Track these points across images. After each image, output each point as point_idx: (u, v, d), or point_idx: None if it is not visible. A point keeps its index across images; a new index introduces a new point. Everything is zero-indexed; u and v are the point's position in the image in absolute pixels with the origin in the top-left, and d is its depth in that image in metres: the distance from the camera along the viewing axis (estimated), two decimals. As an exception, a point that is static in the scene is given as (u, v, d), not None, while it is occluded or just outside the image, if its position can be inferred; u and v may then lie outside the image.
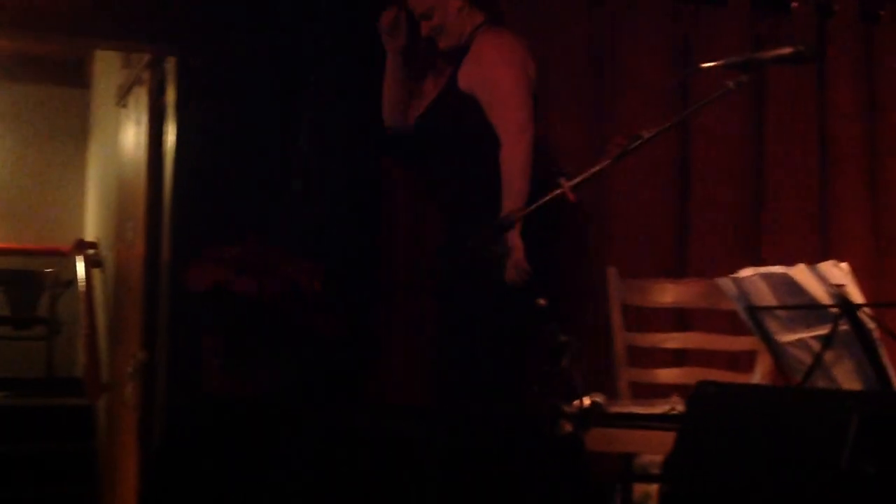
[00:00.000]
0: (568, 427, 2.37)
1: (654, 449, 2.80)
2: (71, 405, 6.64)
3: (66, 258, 7.07)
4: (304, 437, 3.27)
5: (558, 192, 2.36)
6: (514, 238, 2.97)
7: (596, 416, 2.35)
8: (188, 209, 3.82)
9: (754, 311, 2.42)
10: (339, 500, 3.03)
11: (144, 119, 4.36)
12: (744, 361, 3.41)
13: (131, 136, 4.76)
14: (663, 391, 3.17)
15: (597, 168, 2.38)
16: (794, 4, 3.99)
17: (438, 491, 2.82)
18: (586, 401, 2.31)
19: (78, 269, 6.48)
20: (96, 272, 6.47)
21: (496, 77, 3.17)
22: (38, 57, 7.63)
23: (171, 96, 3.93)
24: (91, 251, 6.63)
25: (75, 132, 7.97)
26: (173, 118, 3.90)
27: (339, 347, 3.47)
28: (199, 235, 3.69)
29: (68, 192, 7.94)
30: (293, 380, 3.43)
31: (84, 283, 6.34)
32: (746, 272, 2.40)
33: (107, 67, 6.41)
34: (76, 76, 7.85)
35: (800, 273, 2.30)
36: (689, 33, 3.93)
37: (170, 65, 3.95)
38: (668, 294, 3.46)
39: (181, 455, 3.47)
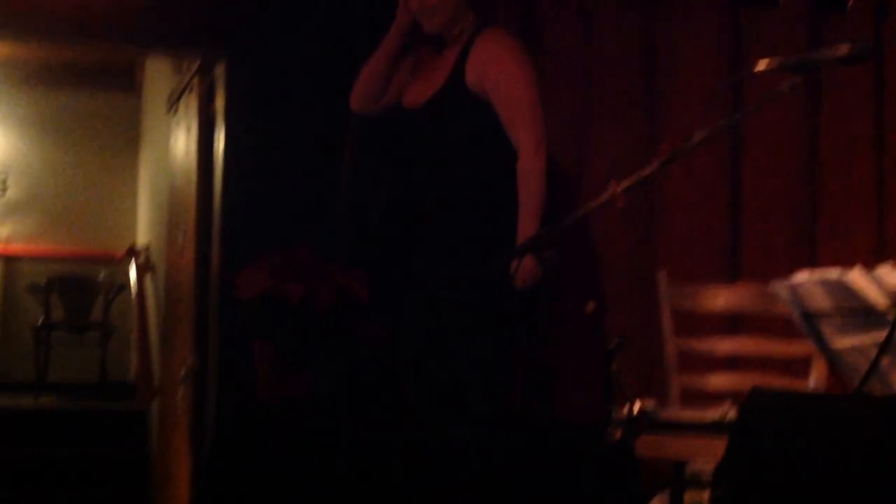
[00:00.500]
0: (617, 433, 2.35)
1: (705, 456, 2.76)
2: (124, 409, 6.72)
3: (119, 264, 7.16)
4: (351, 443, 3.27)
5: (607, 195, 2.34)
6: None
7: (646, 422, 2.32)
8: (238, 215, 3.84)
9: (809, 315, 2.38)
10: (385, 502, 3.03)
11: (194, 125, 4.39)
12: (798, 367, 3.36)
13: (181, 142, 4.80)
14: (715, 397, 3.12)
15: (647, 171, 2.35)
16: (850, 3, 3.93)
17: (485, 499, 2.81)
18: (636, 407, 2.28)
19: (130, 274, 6.55)
20: (148, 278, 6.53)
21: (515, 84, 3.13)
22: (91, 65, 7.74)
23: (220, 103, 3.96)
24: (143, 257, 6.70)
25: (127, 139, 8.07)
26: (223, 124, 3.92)
27: (386, 355, 3.46)
28: (248, 242, 3.71)
29: (121, 198, 8.04)
30: (341, 386, 3.43)
31: (136, 289, 6.41)
32: (801, 276, 2.36)
33: (158, 75, 6.48)
34: (128, 84, 7.95)
35: (856, 277, 2.25)
36: (741, 35, 3.88)
37: (219, 71, 3.98)
38: (721, 298, 3.41)
39: (231, 460, 3.48)
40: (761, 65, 2.40)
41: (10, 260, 8.03)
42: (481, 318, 3.14)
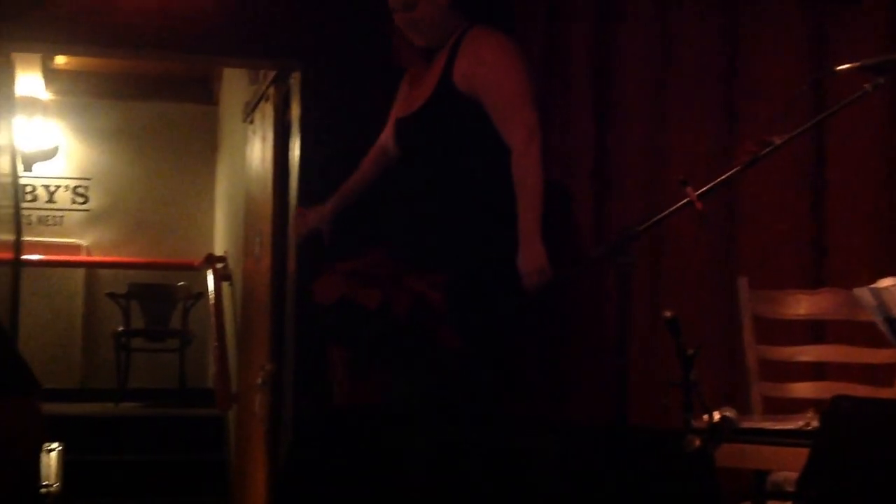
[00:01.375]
0: (697, 442, 2.31)
1: (787, 466, 2.70)
2: (202, 415, 6.80)
3: (197, 272, 7.26)
4: (429, 449, 3.27)
5: (685, 200, 2.31)
6: (536, 244, 2.97)
7: (726, 431, 2.29)
8: (314, 223, 3.86)
9: (893, 321, 2.32)
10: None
11: (270, 134, 4.43)
12: (882, 375, 3.28)
13: (257, 151, 4.85)
14: (797, 406, 3.06)
15: (727, 175, 2.32)
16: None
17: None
18: (716, 415, 2.25)
19: (208, 282, 6.64)
20: (225, 285, 6.62)
21: (502, 78, 3.06)
22: (170, 76, 7.88)
23: (295, 111, 4.00)
24: (220, 265, 6.79)
25: (205, 149, 8.19)
26: (298, 132, 3.95)
27: (466, 360, 3.45)
28: (324, 248, 3.73)
29: (198, 207, 8.16)
30: (419, 392, 3.43)
31: (214, 297, 6.49)
32: (886, 282, 2.31)
33: (234, 85, 6.57)
34: (205, 94, 8.07)
35: (942, 283, 2.19)
36: (823, 35, 3.80)
37: (294, 80, 4.02)
38: (803, 305, 3.34)
39: (308, 465, 3.50)
40: (843, 65, 2.35)
41: (92, 268, 8.19)
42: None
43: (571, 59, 3.76)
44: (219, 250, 7.39)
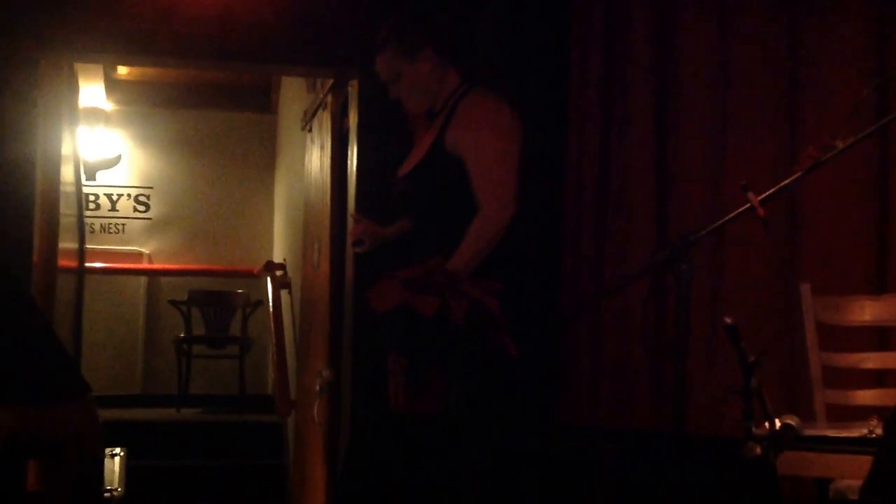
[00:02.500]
0: (757, 450, 2.28)
1: (851, 474, 2.66)
2: (262, 421, 6.86)
3: (256, 279, 7.33)
4: (485, 456, 3.26)
5: (746, 206, 2.29)
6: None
7: (788, 438, 2.26)
8: (372, 230, 3.88)
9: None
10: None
11: (328, 142, 4.46)
12: (949, 382, 3.22)
13: (315, 159, 4.89)
14: (861, 413, 3.01)
15: (789, 180, 2.29)
16: None
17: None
18: (778, 423, 2.22)
19: (267, 289, 6.70)
20: (284, 292, 6.66)
21: (484, 146, 3.07)
22: (229, 85, 7.97)
23: (353, 119, 4.02)
24: (279, 272, 6.84)
25: (264, 157, 8.27)
26: (355, 141, 3.98)
27: (521, 368, 3.45)
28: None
29: (258, 215, 8.23)
30: (476, 399, 3.43)
31: (273, 304, 6.54)
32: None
33: (292, 93, 6.63)
34: (264, 102, 8.15)
35: None
36: (884, 38, 3.73)
37: (352, 88, 4.04)
38: (867, 311, 3.29)
39: (366, 472, 3.52)
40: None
41: (154, 276, 8.31)
42: None
43: (631, 63, 3.74)
44: (277, 258, 7.45)
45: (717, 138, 3.63)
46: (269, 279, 6.72)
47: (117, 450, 3.04)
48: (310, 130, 5.14)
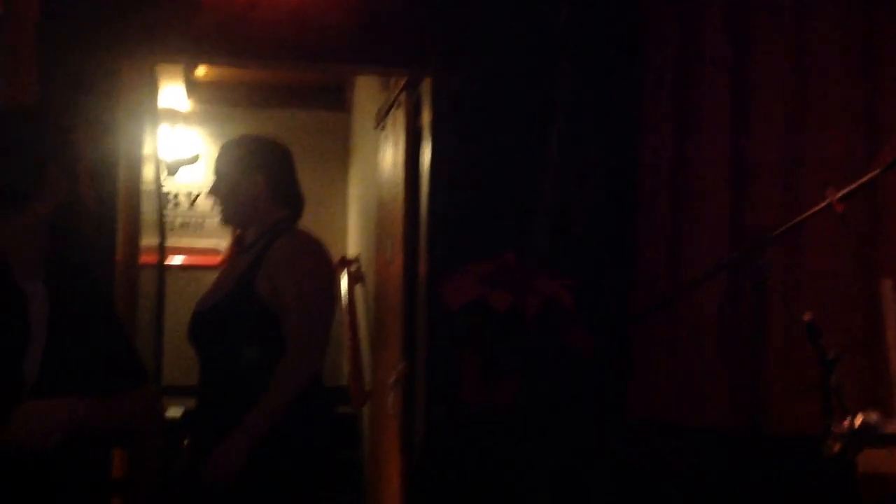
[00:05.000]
0: (836, 447, 2.26)
1: (933, 472, 2.62)
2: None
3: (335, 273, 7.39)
4: (558, 451, 3.27)
5: (824, 203, 2.27)
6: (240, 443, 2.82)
7: (869, 435, 2.23)
8: (444, 226, 3.92)
9: None
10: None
11: (401, 140, 4.50)
12: None
13: (389, 157, 4.93)
14: (943, 411, 2.96)
15: (868, 176, 2.26)
16: None
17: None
18: (858, 420, 2.20)
19: (342, 284, 6.76)
20: (358, 287, 6.73)
21: (299, 299, 2.90)
22: (304, 85, 8.05)
23: (426, 117, 4.05)
24: (353, 267, 6.90)
25: (338, 155, 8.34)
26: (429, 138, 4.01)
27: (593, 363, 3.45)
28: (454, 252, 3.78)
29: (332, 211, 8.31)
30: (547, 394, 3.45)
31: (347, 298, 6.61)
32: None
33: (366, 92, 6.69)
34: (338, 102, 8.22)
35: None
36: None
37: (425, 87, 4.07)
38: (949, 307, 3.23)
39: (441, 464, 3.55)
40: None
41: (230, 271, 8.41)
42: None
43: (706, 63, 3.71)
44: (352, 253, 7.52)
45: (794, 137, 3.59)
46: (343, 274, 6.79)
47: (187, 441, 3.11)
48: (383, 128, 5.18)
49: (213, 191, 3.12)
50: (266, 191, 3.08)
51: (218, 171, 3.12)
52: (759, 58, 3.64)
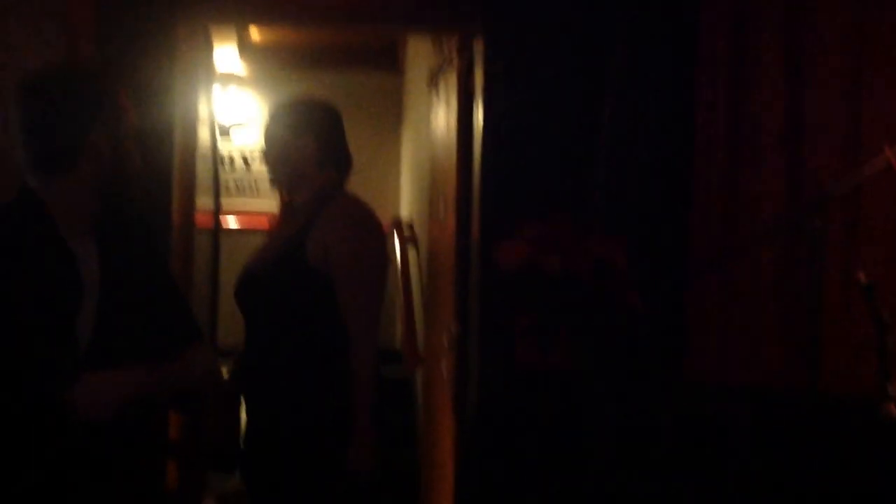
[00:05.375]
0: (893, 409, 2.24)
1: None
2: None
3: (384, 236, 7.42)
4: (613, 414, 3.27)
5: (883, 161, 2.22)
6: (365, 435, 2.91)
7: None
8: (497, 188, 3.90)
9: None
10: (649, 477, 3.01)
11: (454, 101, 4.49)
12: None
13: (441, 117, 4.92)
14: None
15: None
16: None
17: (753, 473, 2.75)
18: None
19: (395, 246, 6.78)
20: (411, 249, 6.74)
21: (353, 261, 2.94)
22: (356, 46, 8.05)
23: (478, 78, 4.03)
24: (406, 230, 6.92)
25: (391, 117, 8.34)
26: (481, 99, 3.99)
27: (648, 324, 3.43)
28: (507, 213, 3.77)
29: (385, 173, 8.33)
30: (602, 355, 3.44)
31: (400, 260, 6.63)
32: None
33: (418, 52, 6.67)
34: (391, 63, 8.21)
35: None
36: None
37: (477, 46, 4.05)
38: None
39: (495, 427, 3.56)
40: None
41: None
42: None
43: (762, 16, 3.65)
44: (405, 215, 7.54)
45: (853, 95, 3.52)
46: (396, 236, 6.81)
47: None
48: (436, 89, 5.17)
49: (265, 154, 3.15)
50: (316, 154, 3.09)
51: (269, 135, 3.14)
52: (818, 12, 3.56)
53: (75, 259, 2.07)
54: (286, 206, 3.24)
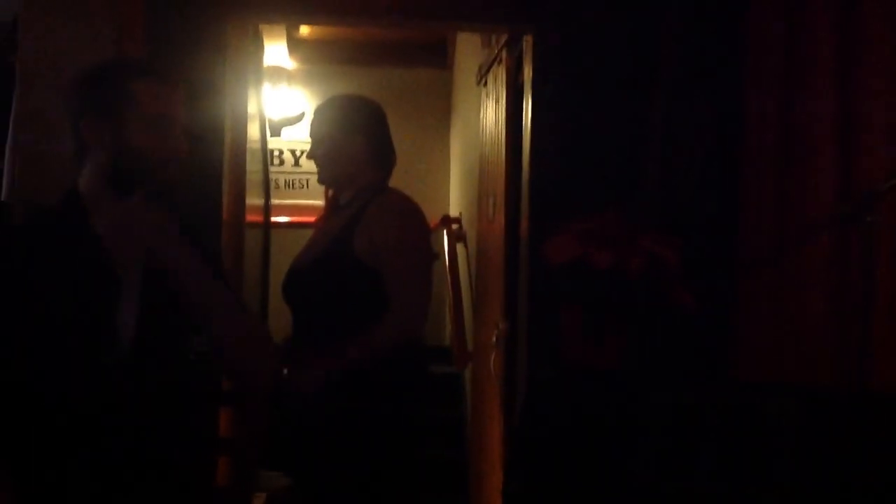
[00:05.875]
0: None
1: None
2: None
3: (433, 233, 7.44)
4: (662, 411, 3.25)
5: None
6: None
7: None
8: (546, 184, 3.89)
9: None
10: (691, 474, 2.99)
11: (502, 97, 4.48)
12: None
13: (490, 114, 4.92)
14: None
15: None
16: None
17: (804, 470, 2.71)
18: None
19: (443, 242, 6.80)
20: (460, 246, 6.75)
21: (399, 255, 3.00)
22: (406, 42, 8.07)
23: (527, 74, 4.02)
24: (455, 226, 6.93)
25: (440, 112, 8.35)
26: (530, 95, 3.98)
27: (698, 321, 3.41)
28: (556, 210, 3.75)
29: (434, 169, 8.34)
30: (651, 353, 3.42)
31: (449, 257, 6.64)
32: None
33: (468, 49, 6.67)
34: (440, 59, 8.22)
35: None
36: None
37: (526, 43, 4.04)
38: None
39: (543, 423, 3.55)
40: None
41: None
42: None
43: (813, 17, 3.59)
44: (453, 212, 7.54)
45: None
46: (445, 232, 6.82)
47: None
48: (485, 85, 5.16)
49: (312, 152, 3.17)
50: (364, 152, 3.12)
51: (316, 133, 3.17)
52: (868, 11, 3.50)
53: (110, 257, 2.05)
54: (332, 202, 3.27)
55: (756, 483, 2.83)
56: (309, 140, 3.24)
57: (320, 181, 3.23)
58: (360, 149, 3.13)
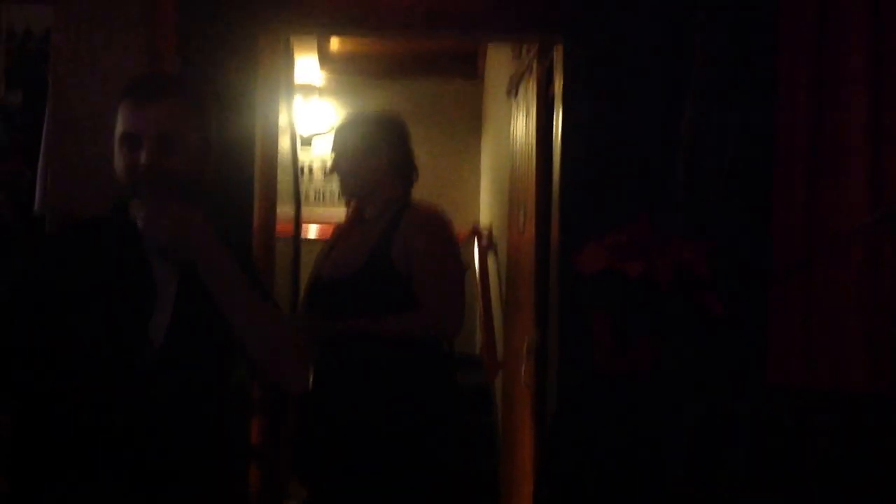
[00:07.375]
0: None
1: None
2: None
3: (464, 243, 7.46)
4: (694, 418, 3.23)
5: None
6: None
7: None
8: (577, 194, 3.90)
9: None
10: (722, 483, 2.98)
11: (533, 108, 4.49)
12: None
13: (521, 125, 4.93)
14: None
15: None
16: None
17: (837, 478, 2.70)
18: None
19: (474, 253, 6.81)
20: (490, 256, 6.76)
21: (435, 265, 3.10)
22: (436, 54, 8.10)
23: (558, 85, 4.03)
24: (486, 236, 6.94)
25: (470, 123, 8.37)
26: (560, 106, 3.99)
27: (730, 328, 3.40)
28: (586, 220, 3.76)
29: (464, 180, 8.36)
30: (683, 361, 3.41)
31: (479, 267, 6.65)
32: None
33: (498, 60, 6.69)
34: (470, 70, 8.24)
35: None
36: None
37: (557, 54, 4.05)
38: None
39: (574, 432, 3.55)
40: None
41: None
42: None
43: (844, 26, 3.58)
44: (484, 222, 7.56)
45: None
46: (475, 243, 6.83)
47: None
48: (515, 96, 5.18)
49: (335, 167, 3.21)
50: (389, 167, 3.18)
51: (340, 148, 3.20)
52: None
53: (149, 266, 2.08)
54: (355, 214, 3.30)
55: (790, 491, 2.82)
56: (330, 156, 3.29)
57: (344, 195, 3.30)
58: (384, 164, 3.19)
